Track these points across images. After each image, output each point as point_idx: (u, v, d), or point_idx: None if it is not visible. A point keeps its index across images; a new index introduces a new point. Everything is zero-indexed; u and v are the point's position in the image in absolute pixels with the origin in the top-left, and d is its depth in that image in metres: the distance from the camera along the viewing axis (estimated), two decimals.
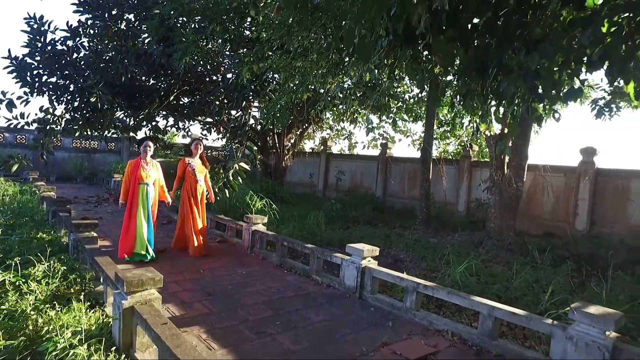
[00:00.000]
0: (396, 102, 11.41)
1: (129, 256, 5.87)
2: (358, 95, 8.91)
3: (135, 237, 5.90)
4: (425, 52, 2.53)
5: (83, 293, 3.92)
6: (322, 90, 7.12)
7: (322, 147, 17.00)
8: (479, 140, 12.85)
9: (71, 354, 2.64)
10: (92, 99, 10.82)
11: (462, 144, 13.79)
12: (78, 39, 11.90)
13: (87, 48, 12.14)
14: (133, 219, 5.92)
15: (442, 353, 3.65)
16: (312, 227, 8.25)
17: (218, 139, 15.84)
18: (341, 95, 6.50)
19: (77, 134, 13.72)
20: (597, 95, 9.44)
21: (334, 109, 12.09)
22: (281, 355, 3.39)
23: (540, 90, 2.20)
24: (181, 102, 13.80)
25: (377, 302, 4.82)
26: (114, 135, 15.06)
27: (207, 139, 16.22)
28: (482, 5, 2.19)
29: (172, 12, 9.02)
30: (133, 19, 12.05)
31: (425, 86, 2.81)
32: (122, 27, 11.78)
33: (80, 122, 12.14)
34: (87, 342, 2.87)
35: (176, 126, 15.09)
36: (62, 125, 12.06)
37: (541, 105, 2.43)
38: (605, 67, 2.08)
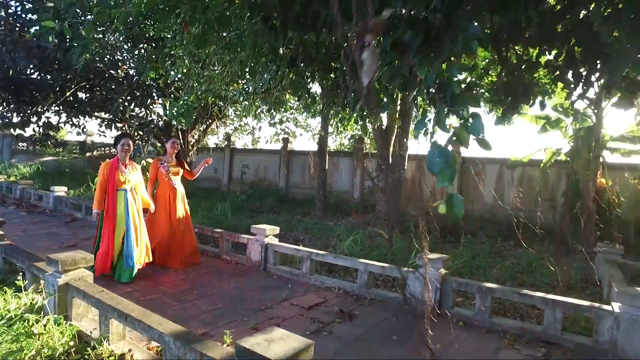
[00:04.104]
0: (289, 105, 12.27)
1: (106, 272, 4.98)
2: (260, 92, 9.68)
3: (112, 255, 5.00)
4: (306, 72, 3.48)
5: (3, 284, 4.22)
6: (226, 89, 7.77)
7: (225, 142, 17.41)
8: (370, 134, 14.35)
9: (21, 321, 3.11)
10: None
11: (356, 137, 15.21)
12: None
13: None
14: (111, 234, 4.99)
15: (330, 302, 4.70)
16: (220, 217, 8.90)
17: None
18: (241, 99, 7.25)
19: None
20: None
21: (237, 105, 12.67)
22: (200, 314, 4.14)
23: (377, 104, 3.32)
24: (79, 98, 13.27)
25: (279, 272, 5.75)
26: None
27: (105, 136, 15.78)
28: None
29: (69, 6, 8.85)
30: (19, 8, 11.37)
31: (305, 96, 3.74)
32: (3, 14, 11.03)
33: None
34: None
35: (70, 122, 14.46)
36: None
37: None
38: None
